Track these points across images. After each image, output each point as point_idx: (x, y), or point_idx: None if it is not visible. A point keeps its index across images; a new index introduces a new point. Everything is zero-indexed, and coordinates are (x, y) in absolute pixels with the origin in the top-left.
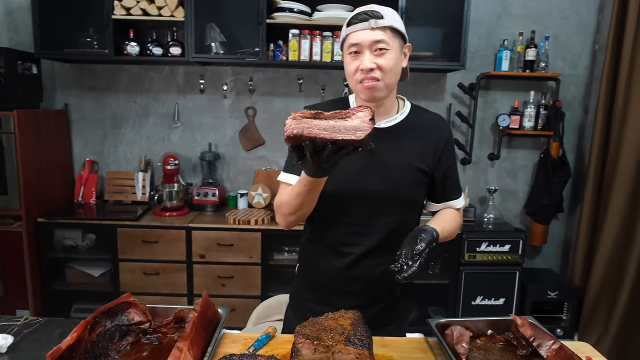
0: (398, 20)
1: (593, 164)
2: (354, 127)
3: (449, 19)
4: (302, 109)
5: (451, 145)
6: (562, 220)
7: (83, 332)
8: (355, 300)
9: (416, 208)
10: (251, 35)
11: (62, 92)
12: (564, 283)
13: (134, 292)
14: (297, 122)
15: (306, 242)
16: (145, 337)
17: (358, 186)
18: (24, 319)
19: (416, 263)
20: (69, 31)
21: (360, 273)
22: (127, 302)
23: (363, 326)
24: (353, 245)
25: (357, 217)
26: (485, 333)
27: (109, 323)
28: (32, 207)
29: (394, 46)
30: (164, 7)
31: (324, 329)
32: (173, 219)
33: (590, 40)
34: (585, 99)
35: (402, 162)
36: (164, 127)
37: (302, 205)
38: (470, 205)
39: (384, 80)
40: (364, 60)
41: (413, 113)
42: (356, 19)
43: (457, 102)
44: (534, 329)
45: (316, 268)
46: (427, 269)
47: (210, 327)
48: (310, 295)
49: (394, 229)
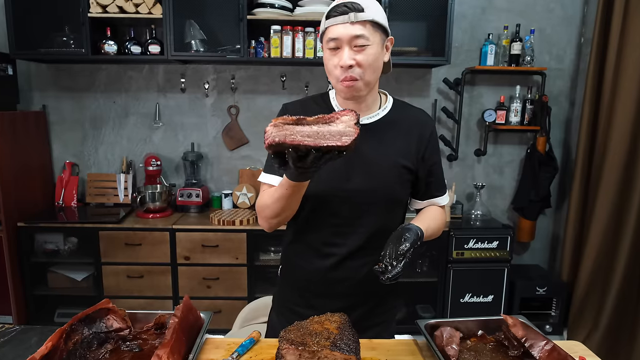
0: (380, 13)
1: (580, 158)
2: (338, 132)
3: (433, 13)
4: (282, 104)
5: (435, 141)
6: (549, 216)
7: (58, 340)
8: (341, 302)
9: (401, 206)
10: (232, 32)
11: (40, 93)
12: (552, 279)
13: (118, 296)
14: (278, 129)
15: (288, 244)
16: (124, 344)
17: (340, 185)
18: (0, 326)
19: (400, 263)
20: (44, 30)
21: (345, 274)
22: (106, 308)
23: (350, 330)
24: (336, 245)
25: (340, 217)
26: (476, 334)
27: (86, 330)
28: (11, 211)
29: (374, 41)
30: (141, 4)
31: (309, 333)
32: (156, 220)
33: (576, 33)
34: (572, 93)
35: (385, 160)
36: (145, 128)
37: (285, 209)
38: (457, 202)
39: (363, 79)
40: (343, 56)
41: (396, 108)
42: (335, 11)
43: (443, 98)
44: (525, 329)
45: (299, 270)
46: (414, 267)
47: (192, 333)
48: (294, 299)
49: (379, 228)
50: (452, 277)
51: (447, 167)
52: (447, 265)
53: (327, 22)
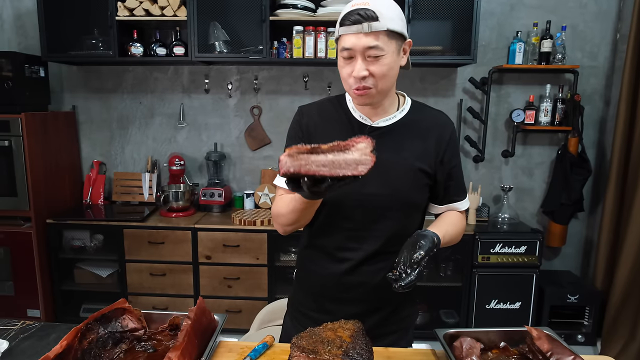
0: (396, 19)
1: (615, 159)
2: (354, 160)
3: (458, 12)
4: (297, 108)
5: (455, 143)
6: (582, 220)
7: (73, 339)
8: (355, 308)
9: (418, 211)
10: (255, 33)
11: (70, 94)
12: (585, 286)
13: (140, 293)
14: (293, 159)
15: (304, 248)
16: (139, 345)
17: (356, 190)
18: (21, 323)
19: (415, 272)
20: (74, 34)
21: (360, 279)
22: (122, 308)
23: (363, 339)
24: (352, 250)
25: (356, 222)
26: (498, 345)
27: (102, 330)
28: (41, 208)
29: (389, 50)
30: (167, 6)
31: (322, 340)
32: (179, 219)
33: (611, 29)
34: (607, 91)
35: (403, 163)
36: (170, 128)
37: (299, 219)
38: (483, 204)
39: (376, 87)
40: (356, 67)
41: (414, 110)
42: (348, 19)
43: (469, 98)
44: (551, 342)
45: (314, 274)
46: (438, 271)
47: (205, 335)
48: (309, 303)
49: (395, 233)
50: (477, 282)
51: (473, 169)
52: (472, 269)
53: (341, 30)
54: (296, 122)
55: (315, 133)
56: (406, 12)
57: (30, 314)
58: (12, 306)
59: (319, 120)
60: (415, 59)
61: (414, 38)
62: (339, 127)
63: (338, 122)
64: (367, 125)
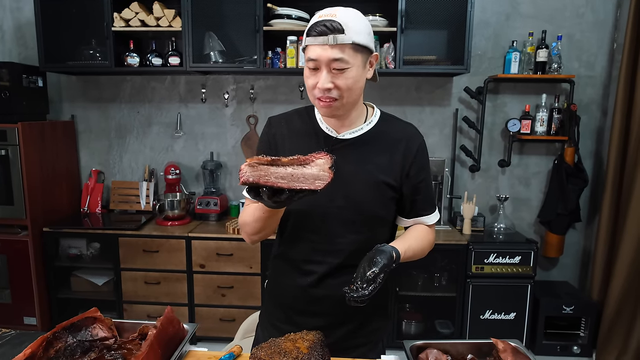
0: (362, 32)
1: (611, 170)
2: (312, 175)
3: (452, 21)
4: (268, 118)
5: (423, 157)
6: (580, 230)
7: (38, 348)
8: (322, 320)
9: (384, 225)
10: (249, 43)
11: (69, 104)
12: (581, 297)
13: (135, 301)
14: (253, 169)
15: (273, 258)
16: (109, 354)
17: (320, 202)
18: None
19: (369, 287)
20: (72, 44)
21: (325, 292)
22: (92, 317)
23: (320, 350)
24: (316, 263)
25: (320, 235)
26: (465, 357)
27: (70, 339)
28: (37, 216)
29: (355, 63)
30: (162, 17)
31: (279, 351)
32: (174, 228)
33: (608, 39)
34: (604, 101)
35: (366, 176)
36: (167, 137)
37: (264, 228)
38: (479, 214)
39: (341, 100)
40: (321, 78)
41: (382, 122)
42: (314, 30)
43: (465, 107)
44: (515, 355)
45: (282, 286)
46: (433, 281)
47: (172, 345)
48: (278, 314)
49: (360, 247)
50: (471, 292)
51: (469, 178)
52: (465, 280)
53: (307, 40)
54: (265, 133)
55: (282, 144)
56: (399, 21)
57: (27, 321)
58: (9, 313)
59: (287, 132)
60: (409, 68)
61: (408, 47)
62: (305, 139)
63: (305, 133)
64: (332, 137)
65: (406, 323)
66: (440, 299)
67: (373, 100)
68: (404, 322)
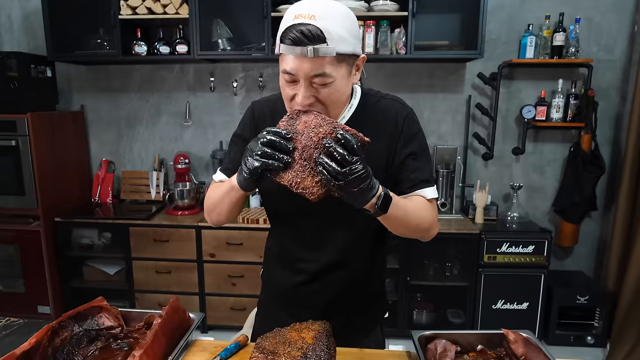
0: (347, 36)
1: (629, 157)
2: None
3: (465, 4)
4: (251, 102)
5: (410, 130)
6: (596, 219)
7: (43, 337)
8: (319, 312)
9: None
10: (257, 30)
11: (79, 94)
12: (596, 287)
13: (147, 290)
14: None
15: (266, 250)
16: (115, 343)
17: (304, 202)
18: (6, 320)
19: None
20: (80, 33)
21: (318, 287)
22: (98, 306)
23: (326, 340)
24: (307, 261)
25: (308, 234)
26: (475, 348)
27: (76, 328)
28: (48, 207)
29: (338, 75)
30: (169, 4)
31: (284, 341)
32: (184, 217)
33: (628, 21)
34: (624, 86)
35: None
36: (177, 126)
37: (231, 210)
38: (492, 203)
39: (325, 111)
40: (300, 94)
41: (363, 104)
42: (288, 37)
43: (478, 94)
44: (527, 346)
45: (276, 278)
46: (444, 270)
47: (177, 334)
48: (273, 304)
49: (351, 242)
50: (483, 282)
51: (482, 166)
52: (477, 269)
53: (281, 47)
54: (247, 116)
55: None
56: (410, 5)
57: (40, 310)
58: (23, 303)
59: (269, 118)
60: (420, 54)
61: (419, 32)
62: None
63: None
64: None
65: (417, 313)
66: (451, 289)
67: (383, 87)
68: (415, 312)
